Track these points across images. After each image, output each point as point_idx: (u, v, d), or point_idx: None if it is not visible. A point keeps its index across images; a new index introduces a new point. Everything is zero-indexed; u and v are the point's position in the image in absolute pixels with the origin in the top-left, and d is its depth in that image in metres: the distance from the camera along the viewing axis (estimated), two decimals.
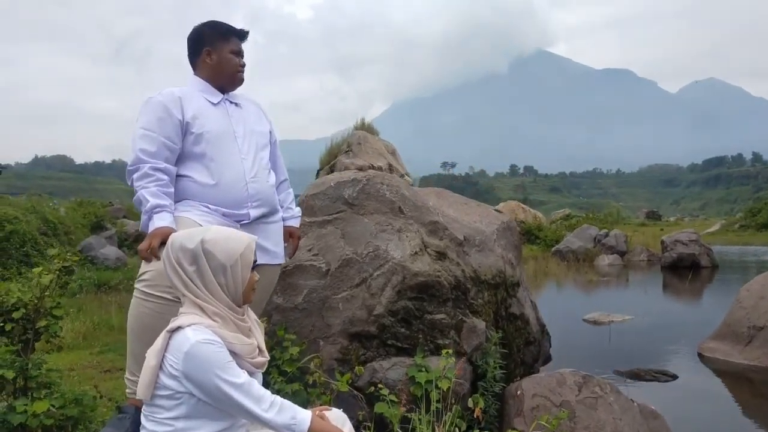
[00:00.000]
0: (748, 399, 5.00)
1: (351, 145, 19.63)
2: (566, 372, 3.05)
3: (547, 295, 11.89)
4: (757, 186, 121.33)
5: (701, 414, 4.54)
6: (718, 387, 5.20)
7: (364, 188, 3.28)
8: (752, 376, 5.32)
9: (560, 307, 9.71)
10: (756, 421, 4.51)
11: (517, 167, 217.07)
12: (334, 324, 2.98)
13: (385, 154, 20.93)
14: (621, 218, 44.58)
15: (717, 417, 4.51)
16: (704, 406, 4.73)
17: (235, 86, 2.47)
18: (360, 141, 19.83)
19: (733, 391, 5.16)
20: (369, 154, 19.90)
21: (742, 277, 12.72)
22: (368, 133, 20.53)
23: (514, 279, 3.73)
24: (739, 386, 5.21)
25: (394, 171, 19.80)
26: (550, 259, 17.88)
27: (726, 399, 4.91)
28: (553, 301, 10.79)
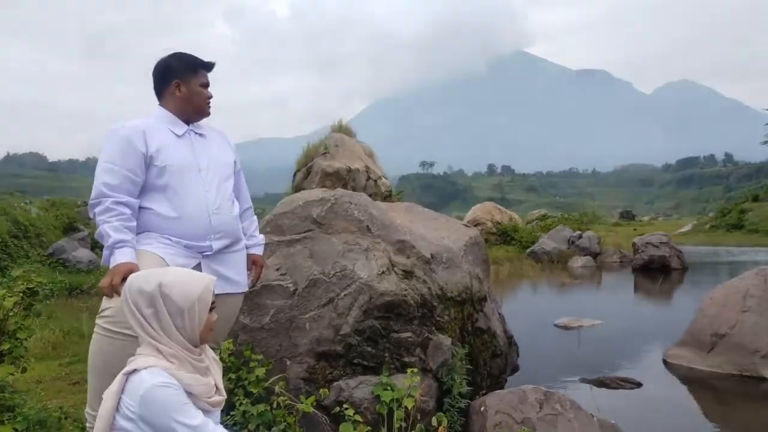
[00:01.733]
0: (711, 406, 5.14)
1: (328, 147, 19.59)
2: (528, 389, 3.12)
3: (521, 298, 12.05)
4: (729, 186, 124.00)
5: (664, 422, 4.66)
6: (681, 394, 5.34)
7: (332, 207, 3.31)
8: (715, 383, 5.47)
9: (532, 312, 9.84)
10: (718, 427, 4.65)
11: (495, 167, 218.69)
12: (301, 344, 3.01)
13: (362, 156, 20.94)
14: (596, 218, 45.21)
15: (679, 425, 4.63)
16: (667, 414, 4.85)
17: (201, 118, 2.49)
18: (337, 143, 19.81)
19: (696, 398, 5.30)
20: (346, 157, 19.90)
21: (712, 279, 13.03)
22: (345, 135, 20.52)
23: (480, 294, 3.80)
24: (702, 393, 5.35)
25: (371, 173, 19.83)
26: (525, 261, 18.07)
27: (689, 406, 5.04)
28: (526, 305, 10.93)
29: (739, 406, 5.10)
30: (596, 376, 5.45)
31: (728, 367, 5.55)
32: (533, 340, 7.24)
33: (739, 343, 5.56)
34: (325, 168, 18.18)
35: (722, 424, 4.67)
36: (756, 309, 5.68)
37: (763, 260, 18.48)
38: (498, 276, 15.23)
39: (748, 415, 4.93)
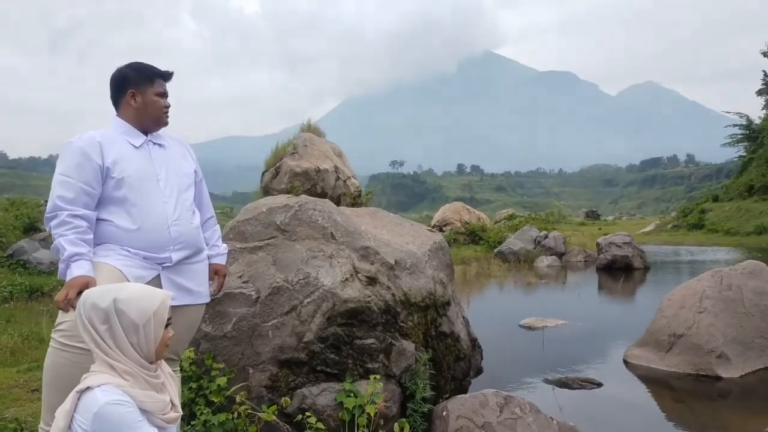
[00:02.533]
0: (668, 405, 5.28)
1: (297, 147, 19.49)
2: (489, 393, 3.17)
3: (488, 298, 12.19)
4: (690, 186, 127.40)
5: (623, 422, 4.78)
6: (640, 394, 5.47)
7: (296, 214, 3.31)
8: (673, 383, 5.62)
9: (498, 312, 9.98)
10: (675, 426, 4.79)
11: (464, 166, 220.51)
12: (263, 351, 3.01)
13: (331, 157, 20.88)
14: (562, 217, 46.00)
15: (638, 424, 4.75)
16: (626, 414, 4.98)
17: (159, 128, 2.47)
18: (306, 143, 19.72)
19: (655, 397, 5.45)
20: (315, 157, 19.83)
21: (673, 279, 13.40)
22: (314, 135, 20.44)
23: (444, 298, 3.84)
24: (660, 393, 5.50)
25: (340, 173, 19.79)
26: (493, 261, 18.29)
27: (647, 406, 5.17)
28: (492, 306, 11.07)
29: (696, 405, 5.26)
30: (559, 376, 5.56)
31: (685, 366, 5.72)
32: (498, 341, 7.34)
33: (696, 344, 5.73)
34: (294, 168, 18.09)
35: (679, 423, 4.81)
36: (711, 310, 5.87)
37: (723, 259, 19.07)
38: (466, 276, 15.39)
39: (704, 413, 5.09)
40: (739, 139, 46.49)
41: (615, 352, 6.63)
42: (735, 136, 46.85)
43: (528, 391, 5.33)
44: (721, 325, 5.75)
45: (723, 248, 24.27)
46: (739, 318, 5.87)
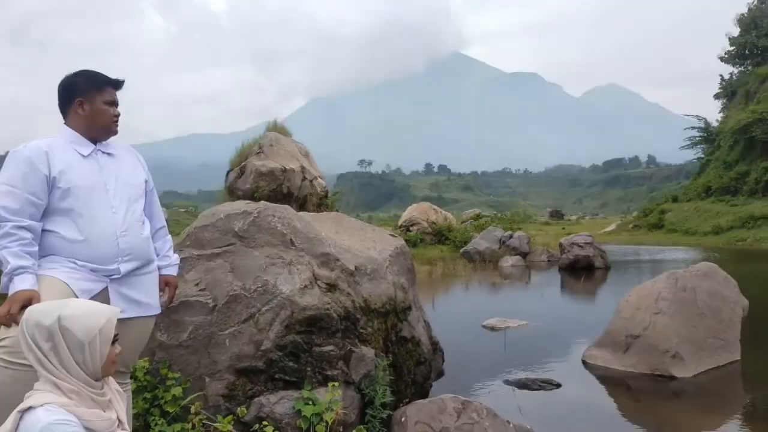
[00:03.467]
0: (625, 405, 5.42)
1: (263, 146, 19.33)
2: (447, 398, 3.20)
3: (452, 298, 12.31)
4: (651, 186, 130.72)
5: (581, 423, 4.88)
6: (598, 394, 5.60)
7: (254, 221, 3.29)
8: (630, 383, 5.76)
9: (462, 313, 10.07)
10: (631, 425, 4.91)
11: (432, 166, 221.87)
12: (220, 360, 2.98)
13: (298, 156, 20.76)
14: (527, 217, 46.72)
15: (595, 424, 4.86)
16: (584, 414, 5.09)
17: (108, 137, 2.42)
18: (272, 142, 19.57)
19: (612, 397, 5.58)
20: (281, 156, 19.68)
21: (632, 278, 13.73)
22: (281, 135, 20.29)
23: (405, 303, 3.87)
24: (617, 393, 5.63)
25: (307, 173, 19.70)
26: (459, 261, 18.46)
27: (605, 406, 5.30)
28: (457, 306, 11.17)
29: (651, 405, 5.40)
30: (519, 377, 5.64)
31: (642, 366, 5.86)
32: (462, 343, 7.41)
33: (652, 344, 5.89)
34: (259, 168, 17.93)
35: (635, 423, 4.93)
36: (667, 311, 6.03)
37: (681, 258, 19.63)
38: (431, 276, 15.49)
39: (659, 413, 5.23)
40: (698, 141, 47.91)
41: (575, 353, 6.76)
42: (693, 138, 48.26)
43: (489, 392, 5.40)
44: (676, 325, 5.92)
45: (682, 248, 24.99)
46: (693, 319, 6.05)
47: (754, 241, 25.67)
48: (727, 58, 48.71)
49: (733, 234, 28.08)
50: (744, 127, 36.69)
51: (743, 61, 47.75)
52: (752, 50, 46.44)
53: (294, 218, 3.42)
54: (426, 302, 10.94)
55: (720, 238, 27.97)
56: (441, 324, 8.51)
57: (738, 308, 6.45)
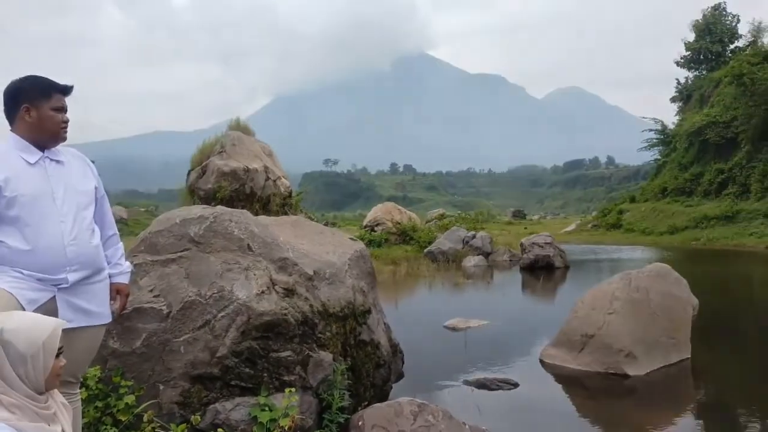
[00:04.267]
0: (580, 403, 5.54)
1: (224, 145, 19.06)
2: (404, 401, 3.24)
3: (415, 299, 12.39)
4: (610, 187, 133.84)
5: (537, 422, 4.98)
6: (554, 393, 5.72)
7: (211, 226, 3.26)
8: (585, 381, 5.90)
9: (424, 313, 10.15)
10: (586, 423, 5.03)
11: (398, 165, 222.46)
12: (174, 367, 2.94)
13: (261, 156, 20.55)
14: (491, 217, 47.32)
15: (551, 423, 4.97)
16: (540, 413, 5.19)
17: (56, 143, 2.37)
18: (234, 142, 19.31)
19: (568, 396, 5.71)
20: (244, 156, 19.45)
21: (591, 277, 14.05)
22: (243, 134, 20.04)
23: (364, 307, 3.88)
24: (573, 391, 5.77)
25: (270, 173, 19.53)
26: (423, 261, 18.59)
27: (561, 404, 5.41)
28: (419, 307, 11.26)
29: (606, 403, 5.55)
30: (478, 377, 5.72)
31: (596, 365, 6.01)
32: (423, 343, 7.48)
33: (606, 343, 6.04)
34: (221, 167, 17.68)
35: (590, 421, 5.06)
36: (620, 311, 6.20)
37: (638, 258, 20.19)
38: (395, 276, 15.57)
39: (613, 410, 5.38)
40: (654, 143, 49.29)
41: (533, 352, 6.88)
42: (651, 140, 49.62)
43: (449, 393, 5.46)
44: (629, 325, 6.09)
45: (639, 247, 25.69)
46: (645, 318, 6.23)
47: (708, 240, 26.54)
48: (683, 63, 50.28)
49: (687, 234, 28.98)
50: (698, 130, 37.92)
51: (698, 66, 49.36)
52: (706, 55, 48.06)
53: (251, 223, 3.40)
54: (389, 303, 11.00)
55: (675, 238, 28.83)
56: (403, 325, 8.57)
57: (689, 308, 6.67)
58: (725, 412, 5.16)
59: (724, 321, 9.12)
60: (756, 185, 30.09)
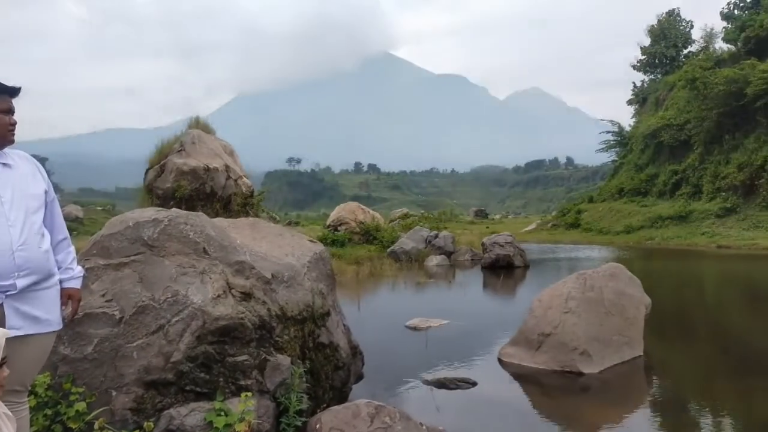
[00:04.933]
0: (537, 401, 5.66)
1: (184, 143, 18.73)
2: (361, 403, 3.25)
3: (378, 299, 12.42)
4: (569, 187, 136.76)
5: (494, 419, 5.06)
6: (512, 391, 5.82)
7: (165, 229, 3.20)
8: (541, 379, 6.02)
9: (387, 313, 10.19)
10: (542, 421, 5.14)
11: (362, 165, 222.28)
12: (127, 373, 2.89)
13: (221, 155, 20.26)
14: (454, 216, 47.77)
15: (508, 421, 5.05)
16: (498, 411, 5.27)
17: (4, 146, 2.30)
18: (194, 140, 18.99)
19: (525, 394, 5.82)
20: (204, 155, 19.14)
21: (549, 275, 14.32)
22: (203, 132, 19.72)
23: (323, 309, 3.88)
24: (529, 389, 5.88)
25: (231, 172, 19.27)
26: (386, 260, 18.65)
27: (518, 402, 5.51)
28: (382, 307, 11.30)
29: (561, 400, 5.68)
30: (437, 377, 5.78)
31: (552, 363, 6.15)
32: (384, 344, 7.52)
33: (562, 342, 6.18)
34: (180, 166, 17.37)
35: (546, 418, 5.17)
36: (575, 310, 6.35)
37: (595, 256, 20.68)
38: (358, 276, 15.58)
39: (568, 408, 5.50)
40: (612, 144, 50.57)
41: (492, 351, 6.99)
42: (608, 141, 50.90)
43: (408, 393, 5.51)
44: (584, 324, 6.24)
45: (596, 246, 26.31)
46: (600, 317, 6.40)
47: (662, 240, 27.36)
48: (639, 67, 51.75)
49: (643, 233, 29.82)
50: (653, 132, 39.07)
51: (653, 70, 50.88)
52: (661, 59, 49.57)
53: (208, 226, 3.36)
54: (352, 303, 11.00)
55: (631, 237, 29.62)
56: (365, 325, 8.59)
57: (642, 306, 6.88)
58: (677, 408, 5.34)
59: (676, 319, 9.44)
60: (707, 186, 31.17)
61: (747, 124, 30.78)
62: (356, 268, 17.03)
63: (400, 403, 4.73)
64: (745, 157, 29.11)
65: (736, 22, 38.17)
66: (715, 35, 43.96)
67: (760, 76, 28.17)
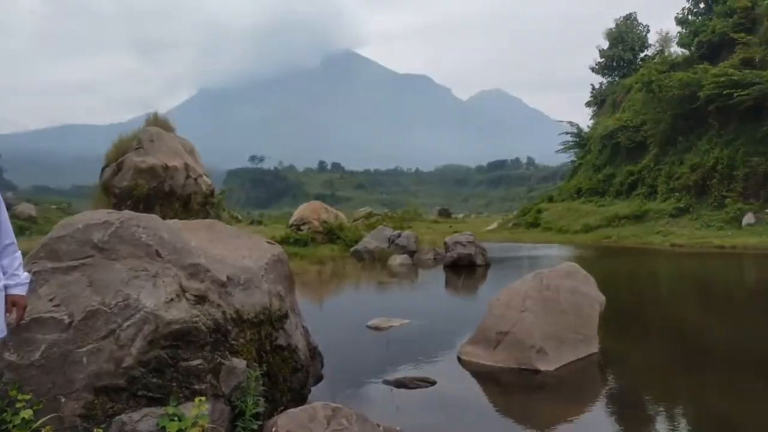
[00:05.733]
0: (495, 398, 5.75)
1: (142, 141, 18.32)
2: (318, 406, 3.25)
3: (341, 299, 12.42)
4: (530, 187, 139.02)
5: (453, 417, 5.12)
6: (470, 389, 5.91)
7: (116, 231, 3.14)
8: (499, 377, 6.12)
9: (349, 313, 10.20)
10: (499, 418, 5.23)
11: (326, 163, 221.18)
12: (77, 379, 2.82)
13: (181, 153, 19.88)
14: (417, 215, 48.04)
15: (466, 419, 5.12)
16: (456, 409, 5.34)
17: None
18: (153, 138, 18.60)
19: (483, 392, 5.91)
20: (163, 152, 18.77)
21: (510, 274, 14.53)
22: (162, 130, 19.32)
23: (281, 312, 3.87)
24: (488, 387, 5.98)
25: (191, 171, 18.94)
26: (349, 260, 18.66)
27: (476, 400, 5.60)
28: (344, 307, 11.30)
29: (518, 397, 5.79)
30: (397, 377, 5.82)
31: (510, 361, 6.25)
32: (345, 344, 7.53)
33: (519, 340, 6.30)
34: (138, 164, 17.00)
35: (503, 415, 5.26)
36: (532, 309, 6.48)
37: (555, 255, 21.08)
38: (321, 276, 15.54)
39: (525, 405, 5.62)
40: (571, 145, 51.61)
41: (451, 350, 7.06)
42: (567, 142, 51.93)
43: (368, 394, 5.53)
44: (541, 322, 6.37)
45: (555, 245, 26.83)
46: (556, 315, 6.54)
47: (618, 238, 28.06)
48: (598, 69, 52.99)
49: (600, 232, 30.52)
50: (610, 134, 40.07)
51: (611, 72, 52.16)
52: (619, 62, 50.88)
53: (161, 228, 3.31)
54: (313, 304, 10.97)
55: (589, 236, 30.29)
56: (326, 326, 8.58)
57: (596, 304, 7.05)
58: (630, 403, 5.50)
59: (631, 316, 9.71)
60: (662, 186, 32.12)
61: (700, 127, 31.84)
62: (319, 267, 16.99)
63: (360, 404, 4.74)
64: (698, 159, 30.10)
65: (690, 27, 39.45)
66: (670, 40, 45.39)
67: (712, 80, 29.15)
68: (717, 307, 10.87)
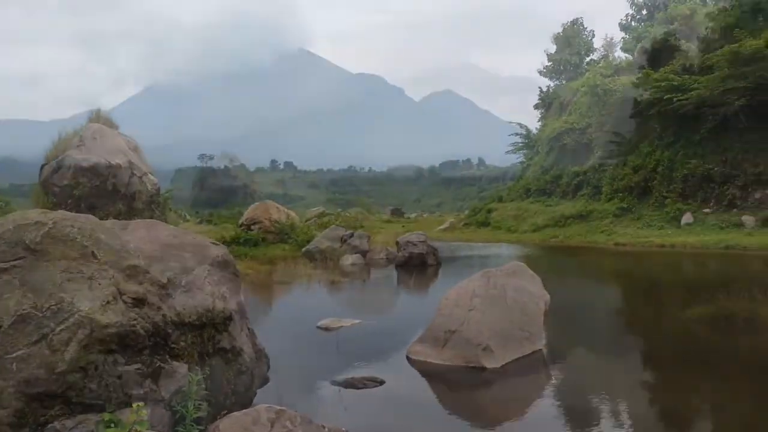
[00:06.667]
0: (443, 395, 5.83)
1: (84, 138, 17.70)
2: (261, 408, 3.21)
3: (291, 299, 12.30)
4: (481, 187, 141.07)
5: (399, 416, 5.16)
6: (418, 388, 5.96)
7: (49, 232, 3.02)
8: (447, 375, 6.20)
9: (299, 314, 10.11)
10: (445, 415, 5.29)
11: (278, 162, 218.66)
12: (6, 386, 2.70)
13: (125, 151, 19.30)
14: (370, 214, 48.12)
15: (412, 417, 5.17)
16: (404, 408, 5.38)
17: None
18: (95, 135, 18.00)
19: (431, 390, 5.98)
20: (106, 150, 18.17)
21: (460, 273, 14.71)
22: (106, 127, 18.72)
23: (225, 314, 3.80)
24: (435, 385, 6.05)
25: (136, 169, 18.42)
26: (301, 260, 18.51)
27: (423, 398, 5.66)
28: (294, 307, 11.20)
29: (466, 394, 5.87)
30: (346, 377, 5.81)
31: (458, 359, 6.33)
32: (294, 345, 7.46)
33: (467, 338, 6.38)
34: (80, 162, 16.41)
35: (449, 412, 5.33)
36: (479, 307, 6.58)
37: (504, 254, 21.50)
38: (272, 276, 15.36)
39: (471, 402, 5.71)
40: (520, 147, 52.81)
41: (401, 349, 7.10)
42: (516, 144, 53.10)
43: (316, 395, 5.50)
44: (487, 320, 6.48)
45: (504, 244, 27.36)
46: (502, 313, 6.66)
47: (565, 238, 28.83)
48: (545, 72, 54.40)
49: (548, 231, 31.29)
50: (557, 136, 41.23)
51: (559, 75, 53.63)
52: (566, 66, 52.37)
53: (97, 228, 3.20)
54: (263, 305, 10.84)
55: (537, 235, 31.01)
56: (275, 327, 8.50)
57: (541, 302, 7.22)
58: (574, 398, 5.65)
59: (575, 313, 9.99)
60: (606, 187, 33.18)
61: (642, 130, 33.06)
62: (270, 268, 16.79)
63: (307, 406, 4.71)
64: (640, 161, 31.20)
65: (633, 33, 40.94)
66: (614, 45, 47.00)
67: (653, 84, 30.28)
68: (659, 304, 11.29)
